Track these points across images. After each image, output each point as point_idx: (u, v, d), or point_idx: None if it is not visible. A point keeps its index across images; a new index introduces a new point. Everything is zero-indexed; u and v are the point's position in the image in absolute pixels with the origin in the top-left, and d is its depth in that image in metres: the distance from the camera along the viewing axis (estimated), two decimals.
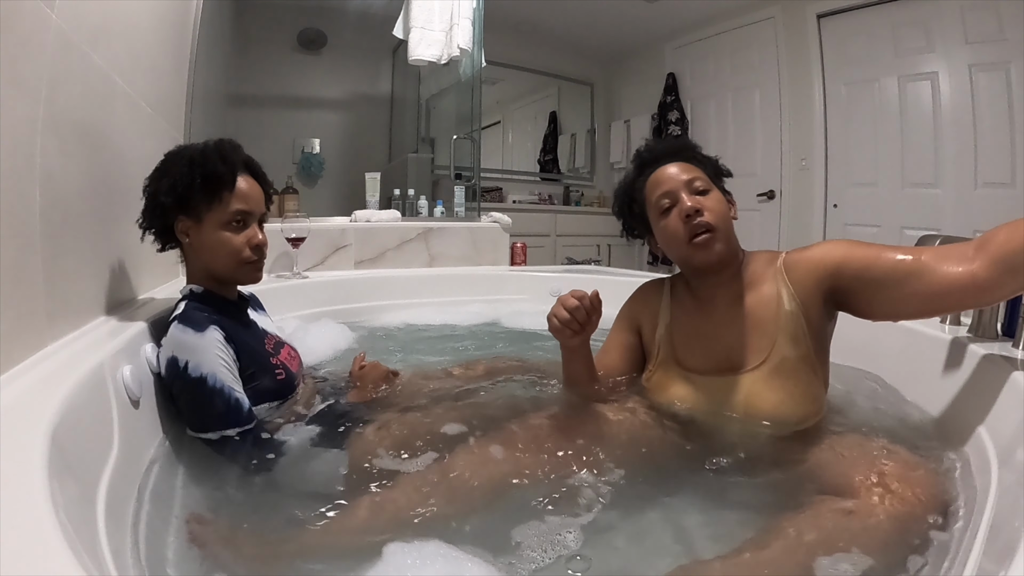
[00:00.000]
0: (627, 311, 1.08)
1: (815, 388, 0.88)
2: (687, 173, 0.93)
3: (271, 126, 3.26)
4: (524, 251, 2.57)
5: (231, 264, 0.95)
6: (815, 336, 0.88)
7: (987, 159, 2.82)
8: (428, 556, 0.59)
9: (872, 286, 0.83)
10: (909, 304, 0.81)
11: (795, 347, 0.87)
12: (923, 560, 0.59)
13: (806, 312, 0.88)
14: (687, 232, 0.90)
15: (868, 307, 0.85)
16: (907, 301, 0.80)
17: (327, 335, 1.53)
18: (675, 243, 0.93)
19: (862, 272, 0.83)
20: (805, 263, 0.89)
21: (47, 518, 0.41)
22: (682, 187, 0.92)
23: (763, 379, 0.87)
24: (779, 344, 0.87)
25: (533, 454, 0.80)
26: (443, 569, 0.56)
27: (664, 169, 0.95)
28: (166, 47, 1.58)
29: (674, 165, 0.95)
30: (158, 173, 0.94)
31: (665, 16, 4.06)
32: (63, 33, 0.82)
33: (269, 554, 0.65)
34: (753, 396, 0.87)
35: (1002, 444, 0.72)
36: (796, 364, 0.86)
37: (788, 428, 0.86)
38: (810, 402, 0.87)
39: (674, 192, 0.92)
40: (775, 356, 0.87)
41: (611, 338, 1.08)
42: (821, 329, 0.90)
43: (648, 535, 0.69)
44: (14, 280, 0.68)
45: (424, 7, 2.46)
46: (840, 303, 0.88)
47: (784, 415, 0.86)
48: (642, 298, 1.07)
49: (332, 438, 0.89)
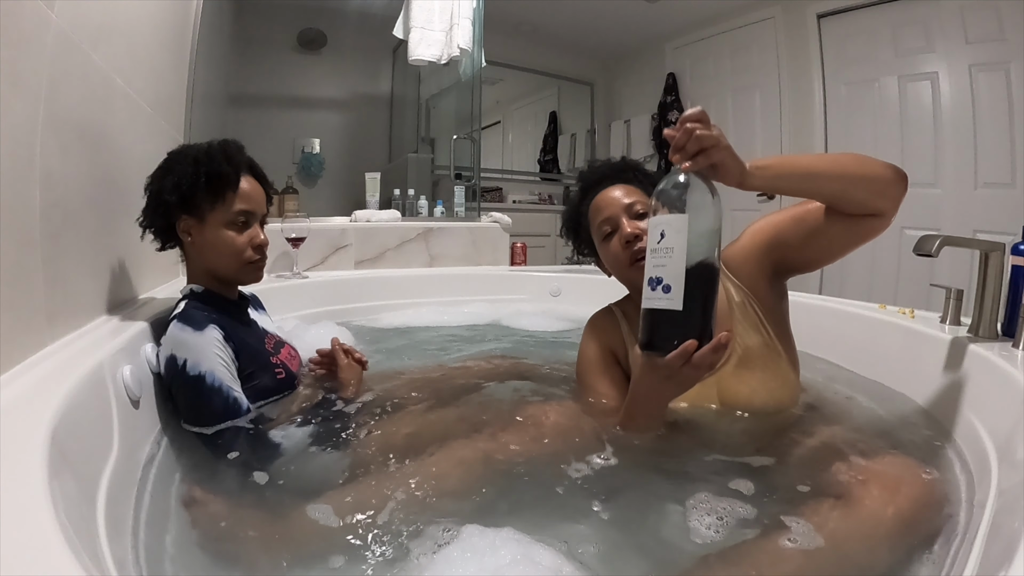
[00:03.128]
0: (597, 347, 1.02)
1: (784, 371, 0.90)
2: (628, 197, 0.96)
3: (271, 126, 3.26)
4: (524, 251, 2.57)
5: (233, 264, 0.95)
6: (772, 320, 0.91)
7: (987, 159, 2.82)
8: (427, 551, 0.59)
9: (805, 234, 0.87)
10: (834, 234, 0.84)
11: (756, 335, 0.90)
12: (923, 560, 0.59)
13: (756, 298, 0.91)
14: (628, 257, 0.93)
15: (809, 255, 0.89)
16: (832, 232, 0.84)
17: (327, 335, 1.52)
18: (618, 266, 0.97)
19: (795, 226, 0.88)
20: (740, 252, 0.93)
21: (47, 518, 0.41)
22: (622, 212, 0.95)
23: (732, 373, 0.89)
24: (739, 336, 0.90)
25: (528, 449, 0.81)
26: (442, 569, 0.56)
27: (606, 193, 0.98)
28: (166, 47, 1.58)
29: (616, 188, 0.98)
30: (161, 171, 0.94)
31: (665, 16, 4.06)
32: (63, 33, 0.82)
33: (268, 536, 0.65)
34: (725, 392, 0.89)
35: (1002, 444, 0.72)
36: (760, 351, 0.89)
37: (768, 416, 0.88)
38: (781, 386, 0.90)
39: (614, 218, 0.95)
40: (738, 348, 0.89)
41: (601, 381, 0.99)
42: (776, 310, 0.93)
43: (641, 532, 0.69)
44: (14, 280, 0.68)
45: (424, 7, 2.46)
46: (785, 269, 0.92)
47: (759, 404, 0.88)
48: (602, 329, 1.04)
49: (332, 437, 0.89)
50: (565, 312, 1.94)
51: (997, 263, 1.00)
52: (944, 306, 1.13)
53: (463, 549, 0.58)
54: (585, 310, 1.16)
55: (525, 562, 0.56)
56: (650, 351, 0.70)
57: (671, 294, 0.66)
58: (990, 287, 0.99)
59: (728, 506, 0.68)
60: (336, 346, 1.11)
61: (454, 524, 0.63)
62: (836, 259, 0.90)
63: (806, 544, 0.59)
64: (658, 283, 0.67)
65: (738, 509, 0.68)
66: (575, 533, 0.66)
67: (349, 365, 1.07)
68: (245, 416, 0.86)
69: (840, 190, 0.80)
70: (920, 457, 0.85)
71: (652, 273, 0.68)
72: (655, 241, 0.68)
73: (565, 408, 0.91)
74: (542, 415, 0.87)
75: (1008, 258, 1.01)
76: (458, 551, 0.58)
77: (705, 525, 0.65)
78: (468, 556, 0.57)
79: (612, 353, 1.02)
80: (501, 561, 0.56)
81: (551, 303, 2.09)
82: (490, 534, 0.60)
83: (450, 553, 0.58)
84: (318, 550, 0.64)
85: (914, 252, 0.96)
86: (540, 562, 0.57)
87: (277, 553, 0.64)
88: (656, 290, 0.67)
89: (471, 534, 0.60)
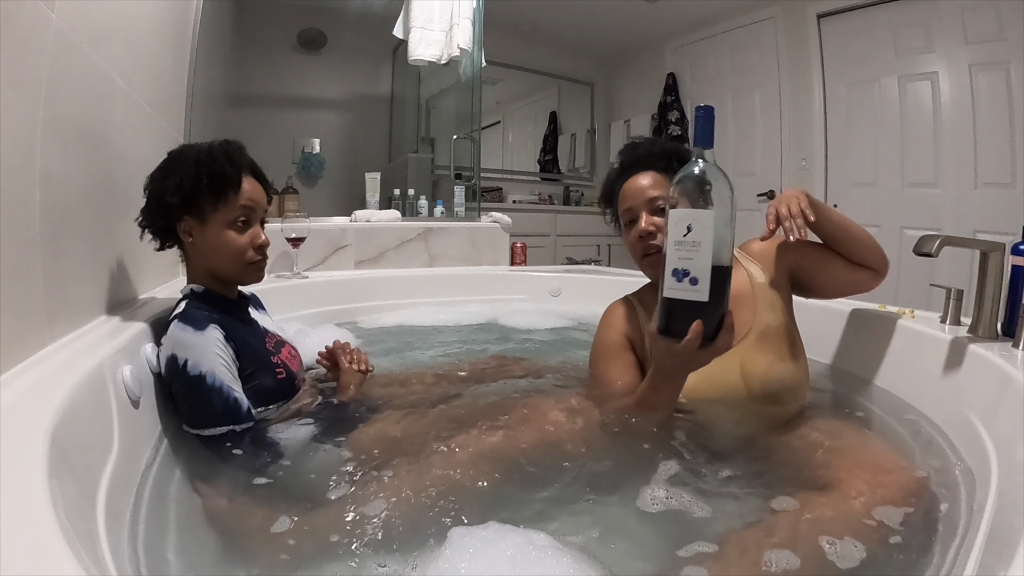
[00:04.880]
0: (615, 335, 1.04)
1: (798, 351, 0.96)
2: (654, 189, 0.98)
3: (271, 126, 3.26)
4: (524, 251, 2.57)
5: (235, 264, 0.95)
6: (787, 309, 0.98)
7: (987, 159, 2.82)
8: (427, 550, 0.59)
9: (820, 262, 0.99)
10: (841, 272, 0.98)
11: (775, 315, 0.95)
12: (923, 559, 0.59)
13: (776, 285, 0.98)
14: (640, 249, 0.99)
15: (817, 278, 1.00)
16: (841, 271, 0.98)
17: (329, 338, 1.52)
18: (633, 254, 1.02)
19: (813, 251, 0.99)
20: (766, 245, 1.01)
21: (47, 518, 0.41)
22: (644, 205, 0.98)
23: (753, 345, 0.93)
24: (760, 313, 0.95)
25: (529, 446, 0.81)
26: (443, 569, 0.56)
27: (635, 180, 1.00)
28: (166, 47, 1.58)
29: (646, 176, 1.00)
30: (162, 172, 0.93)
31: (665, 16, 4.06)
32: (63, 33, 0.82)
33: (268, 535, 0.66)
34: (747, 363, 0.92)
35: (1002, 444, 0.72)
36: (778, 330, 0.94)
37: (781, 394, 0.92)
38: (797, 360, 0.95)
39: (635, 209, 0.99)
40: (759, 324, 0.94)
41: (615, 365, 1.01)
42: (790, 303, 1.00)
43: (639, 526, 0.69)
44: (14, 280, 0.68)
45: (424, 7, 2.46)
46: (795, 279, 1.01)
47: (776, 374, 0.92)
48: (619, 317, 1.06)
49: (332, 437, 0.89)
50: (565, 312, 1.94)
51: (997, 263, 1.00)
52: (944, 306, 1.13)
53: (463, 548, 0.58)
54: (585, 310, 1.17)
55: (526, 561, 0.56)
56: (668, 336, 0.72)
57: (698, 287, 0.68)
58: (990, 287, 0.99)
59: (725, 498, 0.69)
60: (338, 348, 1.11)
61: (454, 522, 0.63)
62: (831, 296, 1.04)
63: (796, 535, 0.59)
64: (685, 275, 0.69)
65: (734, 502, 0.69)
66: (576, 531, 0.66)
67: (350, 370, 1.06)
68: (245, 421, 0.86)
69: (855, 248, 0.96)
70: (919, 457, 0.86)
71: (678, 265, 0.69)
72: (680, 234, 0.69)
73: (566, 403, 0.91)
74: (543, 411, 0.87)
75: (1008, 258, 1.01)
76: (458, 550, 0.58)
77: (702, 518, 0.66)
78: (468, 555, 0.57)
79: (628, 339, 1.04)
80: (502, 560, 0.56)
81: (551, 303, 2.09)
82: (491, 532, 0.60)
83: (450, 552, 0.58)
84: (318, 549, 0.64)
85: (914, 252, 0.96)
86: (541, 560, 0.57)
87: (277, 552, 0.64)
88: (683, 282, 0.69)
89: (471, 533, 0.60)
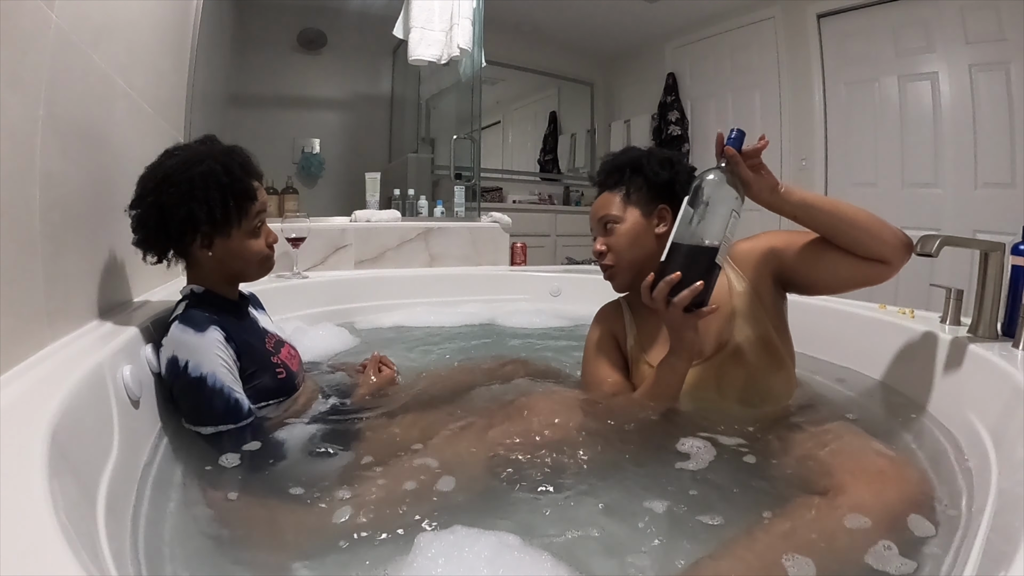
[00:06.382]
0: (603, 332, 1.08)
1: (779, 361, 0.93)
2: (603, 209, 1.01)
3: (271, 126, 3.26)
4: (524, 251, 2.57)
5: (253, 266, 0.97)
6: (770, 314, 0.94)
7: (987, 159, 2.82)
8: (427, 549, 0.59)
9: (811, 260, 0.90)
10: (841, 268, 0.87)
11: (755, 326, 0.93)
12: (923, 560, 0.59)
13: (757, 290, 0.94)
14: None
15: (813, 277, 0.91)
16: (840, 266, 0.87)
17: (326, 335, 1.53)
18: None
19: (807, 244, 0.90)
20: (748, 249, 0.97)
21: (47, 518, 0.41)
22: (596, 226, 1.02)
23: (731, 357, 0.92)
24: (738, 325, 0.93)
25: (528, 445, 0.82)
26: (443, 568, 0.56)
27: (596, 200, 1.04)
28: (166, 47, 1.58)
29: (602, 195, 1.04)
30: (180, 195, 0.86)
31: (665, 16, 4.06)
32: (63, 33, 0.82)
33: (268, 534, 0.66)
34: (724, 376, 0.92)
35: (1002, 444, 0.72)
36: (758, 341, 0.92)
37: (763, 407, 0.91)
38: (776, 376, 0.93)
39: (592, 232, 1.04)
40: (738, 335, 0.93)
41: (603, 364, 1.04)
42: (775, 307, 0.95)
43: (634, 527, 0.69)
44: (14, 280, 0.68)
45: (424, 7, 2.46)
46: (786, 281, 0.95)
47: (753, 391, 0.91)
48: (610, 317, 1.10)
49: (333, 436, 0.89)
50: (565, 312, 1.95)
51: (997, 263, 1.00)
52: (944, 306, 1.13)
53: (463, 547, 0.58)
54: (585, 310, 1.17)
55: (526, 560, 0.56)
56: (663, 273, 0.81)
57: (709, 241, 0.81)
58: (990, 287, 0.99)
59: (718, 500, 0.69)
60: (375, 360, 1.14)
61: (455, 522, 0.63)
62: (837, 292, 0.93)
63: (795, 538, 0.59)
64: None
65: (729, 503, 0.69)
66: (574, 530, 0.66)
67: (373, 381, 1.08)
68: (246, 420, 0.86)
69: (854, 238, 0.84)
70: (919, 457, 0.86)
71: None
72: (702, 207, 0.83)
73: (566, 403, 0.92)
74: (539, 410, 0.87)
75: (1008, 258, 1.01)
76: (458, 549, 0.58)
77: (698, 517, 0.66)
78: (469, 554, 0.57)
79: (613, 337, 1.07)
80: (501, 559, 0.56)
81: (551, 303, 2.09)
82: (491, 531, 0.60)
83: (451, 551, 0.58)
84: (318, 548, 0.64)
85: (914, 252, 0.96)
86: (541, 560, 0.57)
87: (277, 551, 0.65)
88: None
89: (471, 532, 0.60)
